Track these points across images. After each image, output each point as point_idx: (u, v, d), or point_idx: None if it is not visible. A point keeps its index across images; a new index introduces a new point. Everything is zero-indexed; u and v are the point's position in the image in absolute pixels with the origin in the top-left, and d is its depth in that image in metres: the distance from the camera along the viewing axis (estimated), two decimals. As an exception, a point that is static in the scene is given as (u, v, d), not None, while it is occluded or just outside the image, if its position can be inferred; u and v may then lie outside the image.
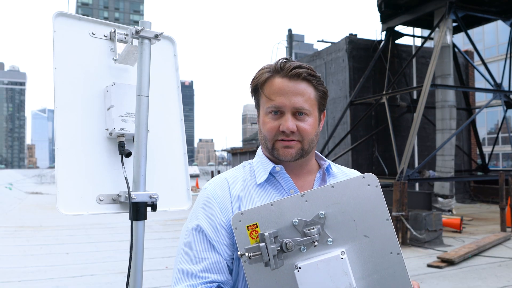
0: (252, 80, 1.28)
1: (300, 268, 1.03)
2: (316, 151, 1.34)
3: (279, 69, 1.22)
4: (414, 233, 8.41)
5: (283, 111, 1.20)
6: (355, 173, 1.38)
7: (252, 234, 1.07)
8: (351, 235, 1.05)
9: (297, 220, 1.06)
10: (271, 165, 1.25)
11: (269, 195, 1.22)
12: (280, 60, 1.24)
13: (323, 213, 1.06)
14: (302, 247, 1.05)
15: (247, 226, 1.08)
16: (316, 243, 1.04)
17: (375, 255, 1.05)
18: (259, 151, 1.33)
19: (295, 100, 1.19)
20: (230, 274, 1.19)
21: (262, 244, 1.03)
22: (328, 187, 1.08)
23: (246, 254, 1.03)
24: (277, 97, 1.20)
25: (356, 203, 1.06)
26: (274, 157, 1.24)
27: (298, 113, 1.20)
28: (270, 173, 1.26)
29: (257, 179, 1.25)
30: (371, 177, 1.07)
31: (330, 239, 1.05)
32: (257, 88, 1.26)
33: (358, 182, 1.08)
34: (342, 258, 1.02)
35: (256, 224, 1.07)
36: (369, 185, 1.07)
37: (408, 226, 8.53)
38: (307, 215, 1.06)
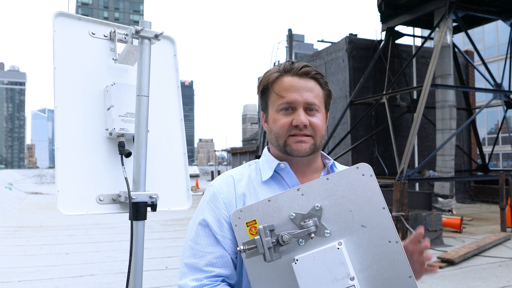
0: (260, 81, 1.30)
1: (297, 260, 1.03)
2: (321, 151, 1.36)
3: (288, 69, 1.25)
4: (413, 232, 8.40)
5: (295, 106, 1.22)
6: None
7: (252, 230, 1.08)
8: (348, 226, 1.05)
9: (294, 214, 1.06)
10: (276, 162, 1.26)
11: (274, 192, 1.23)
12: (287, 62, 1.27)
13: (319, 205, 1.06)
14: (300, 240, 1.05)
15: (246, 223, 1.09)
16: (313, 235, 1.04)
17: (374, 244, 1.04)
18: (265, 150, 1.35)
19: (307, 95, 1.22)
20: (234, 268, 1.20)
21: (257, 237, 1.03)
22: (323, 180, 1.08)
23: (242, 247, 1.04)
24: (288, 93, 1.22)
25: (352, 194, 1.06)
26: (287, 153, 1.25)
27: (309, 109, 1.23)
28: (275, 171, 1.27)
29: (263, 176, 1.26)
30: (365, 167, 1.07)
31: (328, 231, 1.05)
32: (267, 87, 1.28)
33: (352, 173, 1.07)
34: (338, 248, 1.02)
35: (255, 220, 1.08)
36: (363, 175, 1.07)
37: (408, 226, 8.53)
38: (304, 208, 1.07)
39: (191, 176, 36.96)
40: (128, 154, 1.67)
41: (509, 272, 6.38)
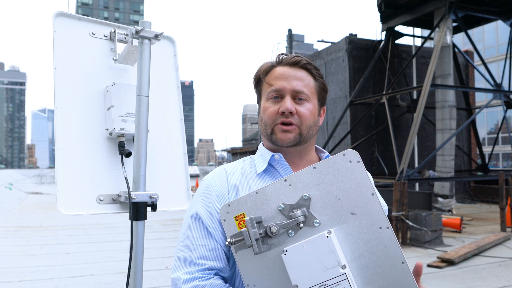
0: (255, 74, 1.33)
1: (286, 251, 1.02)
2: (316, 145, 1.36)
3: (279, 61, 1.28)
4: (417, 226, 8.42)
5: (283, 94, 1.24)
6: None
7: (241, 224, 1.07)
8: (338, 214, 1.03)
9: (282, 205, 1.05)
10: (270, 153, 1.27)
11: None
12: (281, 55, 1.30)
13: (307, 195, 1.05)
14: (290, 231, 1.04)
15: (235, 217, 1.08)
16: (301, 225, 1.03)
17: (364, 231, 1.02)
18: (260, 145, 1.35)
19: (295, 83, 1.23)
20: (228, 261, 1.20)
21: (244, 229, 1.03)
22: (310, 169, 1.06)
23: (230, 240, 1.04)
24: (277, 81, 1.24)
25: (339, 181, 1.04)
26: (272, 142, 1.26)
27: (298, 98, 1.24)
28: (270, 164, 1.27)
29: (257, 169, 1.26)
30: (352, 153, 1.05)
31: (317, 221, 1.03)
32: (259, 78, 1.31)
33: (339, 160, 1.06)
34: (327, 236, 1.00)
35: (244, 213, 1.07)
36: (350, 161, 1.05)
37: (410, 224, 8.53)
38: (292, 199, 1.06)
39: (191, 176, 36.95)
40: (128, 154, 1.67)
41: (509, 272, 6.38)
